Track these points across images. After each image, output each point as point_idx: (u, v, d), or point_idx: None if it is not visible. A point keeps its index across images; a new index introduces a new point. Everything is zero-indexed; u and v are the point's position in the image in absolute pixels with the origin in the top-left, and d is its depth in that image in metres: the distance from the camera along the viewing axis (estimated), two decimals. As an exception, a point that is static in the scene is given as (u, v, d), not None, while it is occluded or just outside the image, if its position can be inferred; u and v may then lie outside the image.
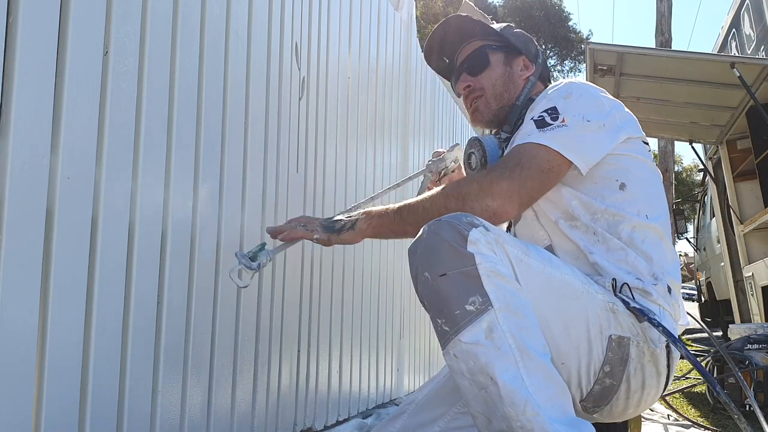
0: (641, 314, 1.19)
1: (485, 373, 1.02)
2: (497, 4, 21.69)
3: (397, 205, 1.32)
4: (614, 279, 1.23)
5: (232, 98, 1.46)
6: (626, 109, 1.38)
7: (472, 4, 1.62)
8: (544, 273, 1.16)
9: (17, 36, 0.93)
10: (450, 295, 1.05)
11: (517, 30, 1.55)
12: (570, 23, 27.07)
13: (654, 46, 8.96)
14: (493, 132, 1.54)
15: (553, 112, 1.27)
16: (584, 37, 27.08)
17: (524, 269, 1.13)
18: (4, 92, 0.92)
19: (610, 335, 1.19)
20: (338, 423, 2.03)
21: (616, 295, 1.21)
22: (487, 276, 1.05)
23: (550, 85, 1.41)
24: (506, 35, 1.51)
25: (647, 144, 1.39)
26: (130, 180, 1.15)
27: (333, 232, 1.35)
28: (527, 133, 1.28)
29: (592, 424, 1.26)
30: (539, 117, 1.28)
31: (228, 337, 1.44)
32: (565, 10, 27.03)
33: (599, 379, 1.20)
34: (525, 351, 1.03)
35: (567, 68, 28.26)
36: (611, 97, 1.39)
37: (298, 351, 1.77)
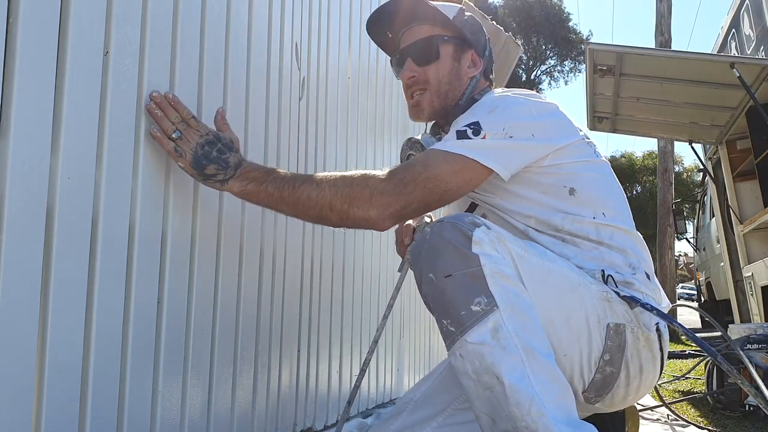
0: (633, 301, 1.21)
1: (491, 373, 1.02)
2: (497, 4, 21.72)
3: (285, 175, 1.24)
4: (603, 270, 1.26)
5: (232, 98, 1.46)
6: (561, 113, 1.35)
7: (472, 4, 1.62)
8: (543, 267, 1.17)
9: (17, 36, 0.93)
10: (455, 296, 1.05)
11: (469, 15, 1.49)
12: (570, 23, 27.08)
13: (654, 47, 8.95)
14: (428, 129, 1.51)
15: (476, 126, 1.25)
16: (584, 37, 27.09)
17: (525, 265, 1.14)
18: (4, 92, 0.92)
19: (608, 324, 1.21)
20: (338, 423, 2.03)
21: (606, 284, 1.24)
22: (492, 277, 1.06)
23: (486, 95, 1.38)
24: (459, 25, 1.44)
25: (589, 140, 1.38)
26: (130, 180, 1.15)
27: (200, 174, 1.22)
28: (445, 139, 1.27)
29: (593, 416, 1.27)
30: (462, 129, 1.26)
31: (228, 337, 1.44)
32: (565, 10, 27.03)
33: (600, 368, 1.22)
34: (530, 351, 1.04)
35: (567, 68, 28.28)
36: (546, 101, 1.35)
37: (298, 351, 1.77)
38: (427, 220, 1.54)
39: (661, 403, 2.92)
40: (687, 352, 5.27)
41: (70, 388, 1.01)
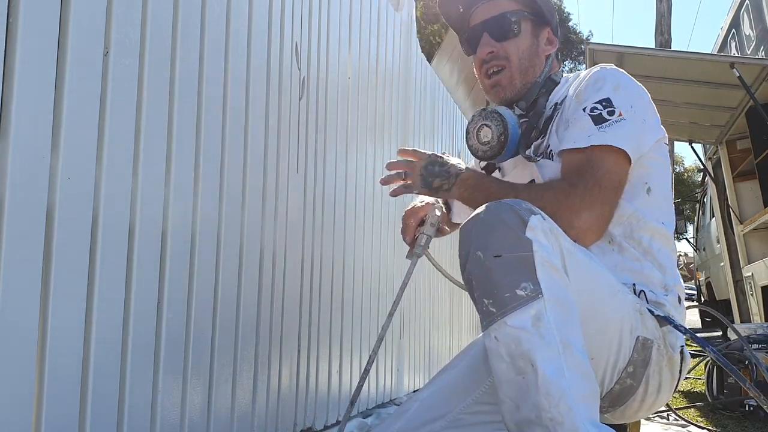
0: (667, 322, 1.21)
1: (526, 359, 1.01)
2: (497, 4, 21.71)
3: (492, 183, 1.28)
4: (634, 284, 1.25)
5: (232, 98, 1.46)
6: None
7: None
8: (590, 267, 1.16)
9: (17, 36, 0.93)
10: (502, 278, 1.04)
11: None
12: (570, 23, 27.07)
13: (654, 47, 8.96)
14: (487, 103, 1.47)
15: (608, 105, 1.22)
16: (584, 37, 27.09)
17: (573, 261, 1.12)
18: (4, 92, 0.92)
19: (638, 336, 1.20)
20: (338, 423, 2.03)
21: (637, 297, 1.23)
22: (541, 265, 1.04)
23: (584, 73, 1.33)
24: (538, 1, 1.38)
25: (667, 144, 1.36)
26: (130, 180, 1.15)
27: (431, 189, 1.32)
28: (586, 131, 1.21)
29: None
30: (593, 109, 1.22)
31: (228, 337, 1.44)
32: (565, 10, 27.02)
33: (621, 379, 1.22)
34: (568, 345, 1.02)
35: (567, 68, 28.26)
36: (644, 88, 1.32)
37: (298, 351, 1.77)
38: (431, 201, 1.52)
39: (667, 409, 2.92)
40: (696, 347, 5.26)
41: (70, 388, 1.01)
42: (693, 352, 5.24)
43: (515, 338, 1.02)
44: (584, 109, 1.23)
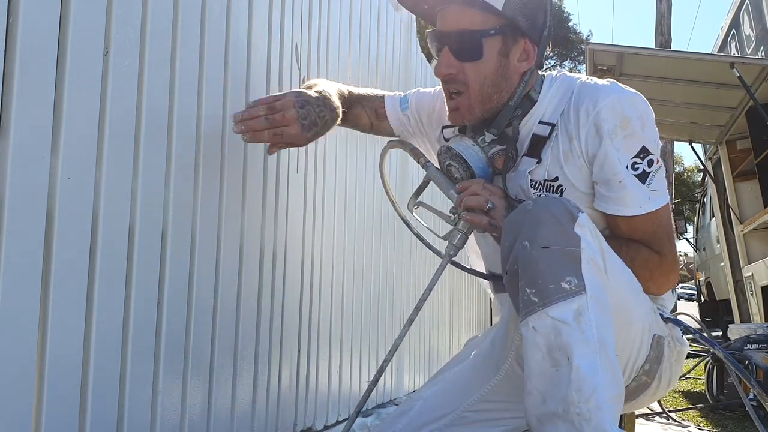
0: (676, 323, 1.28)
1: (563, 351, 1.01)
2: (497, 4, 21.68)
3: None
4: None
5: (232, 98, 1.46)
6: None
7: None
8: (622, 267, 1.20)
9: (17, 36, 0.93)
10: (548, 269, 1.05)
11: None
12: (570, 23, 27.05)
13: (654, 47, 8.95)
14: (456, 130, 1.37)
15: (646, 154, 1.23)
16: (584, 37, 27.06)
17: (612, 261, 1.15)
18: (4, 92, 0.92)
19: (654, 334, 1.24)
20: (338, 422, 2.03)
21: None
22: (587, 262, 1.06)
23: (611, 104, 1.22)
24: (510, 12, 1.20)
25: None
26: (130, 180, 1.15)
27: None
28: (640, 194, 1.22)
29: None
30: (636, 167, 1.22)
31: (228, 337, 1.44)
32: (565, 10, 27.00)
33: (638, 376, 1.25)
34: (604, 345, 1.03)
35: (567, 68, 28.25)
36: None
37: (298, 351, 1.77)
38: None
39: (661, 411, 2.91)
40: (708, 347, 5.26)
41: (70, 388, 1.01)
42: (693, 352, 5.24)
43: (556, 330, 1.02)
44: (627, 167, 1.22)
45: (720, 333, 7.92)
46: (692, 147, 5.83)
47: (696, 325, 1.58)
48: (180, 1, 1.28)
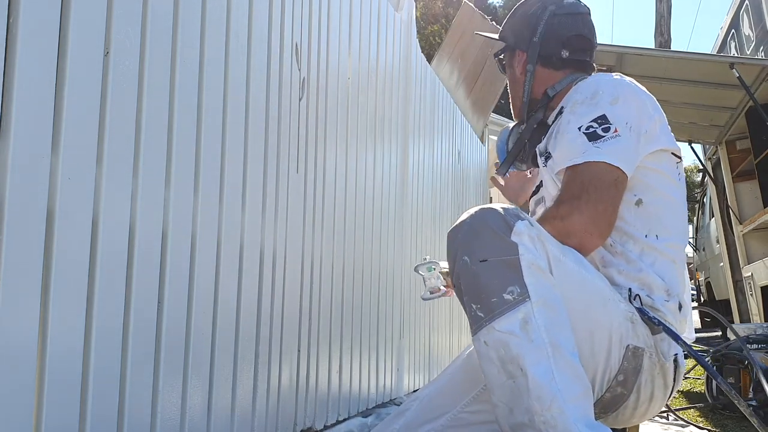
0: (657, 324, 1.19)
1: (515, 363, 1.01)
2: (497, 4, 21.65)
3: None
4: (630, 289, 1.24)
5: (232, 98, 1.46)
6: (662, 112, 1.32)
7: (472, 5, 1.64)
8: (579, 275, 1.16)
9: (17, 36, 0.93)
10: (489, 282, 1.04)
11: (518, 12, 1.53)
12: (569, 23, 26.93)
13: (653, 47, 8.96)
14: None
15: (603, 122, 1.21)
16: (584, 37, 26.93)
17: (561, 269, 1.12)
18: (4, 92, 0.92)
19: (628, 344, 1.20)
20: (338, 422, 2.03)
21: (631, 304, 1.22)
22: (528, 268, 1.05)
23: (586, 82, 1.33)
24: (503, 36, 1.56)
25: (680, 159, 1.33)
26: (130, 180, 1.15)
27: None
28: (580, 149, 1.21)
29: None
30: (589, 128, 1.22)
31: (228, 337, 1.44)
32: (565, 10, 26.92)
33: (611, 387, 1.21)
34: (557, 347, 1.03)
35: (566, 68, 28.13)
36: (652, 96, 1.32)
37: (298, 351, 1.77)
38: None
39: (667, 410, 2.92)
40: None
41: (70, 389, 1.01)
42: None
43: (504, 342, 1.02)
44: (579, 128, 1.23)
45: (720, 333, 7.92)
46: (692, 147, 5.83)
47: (717, 317, 1.51)
48: (180, 1, 1.28)
